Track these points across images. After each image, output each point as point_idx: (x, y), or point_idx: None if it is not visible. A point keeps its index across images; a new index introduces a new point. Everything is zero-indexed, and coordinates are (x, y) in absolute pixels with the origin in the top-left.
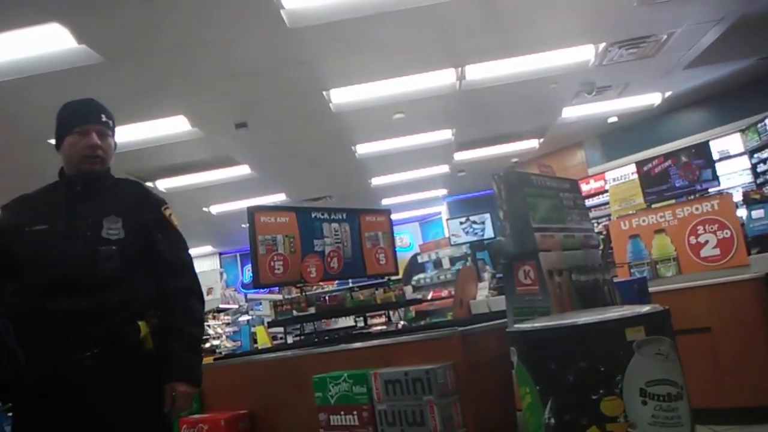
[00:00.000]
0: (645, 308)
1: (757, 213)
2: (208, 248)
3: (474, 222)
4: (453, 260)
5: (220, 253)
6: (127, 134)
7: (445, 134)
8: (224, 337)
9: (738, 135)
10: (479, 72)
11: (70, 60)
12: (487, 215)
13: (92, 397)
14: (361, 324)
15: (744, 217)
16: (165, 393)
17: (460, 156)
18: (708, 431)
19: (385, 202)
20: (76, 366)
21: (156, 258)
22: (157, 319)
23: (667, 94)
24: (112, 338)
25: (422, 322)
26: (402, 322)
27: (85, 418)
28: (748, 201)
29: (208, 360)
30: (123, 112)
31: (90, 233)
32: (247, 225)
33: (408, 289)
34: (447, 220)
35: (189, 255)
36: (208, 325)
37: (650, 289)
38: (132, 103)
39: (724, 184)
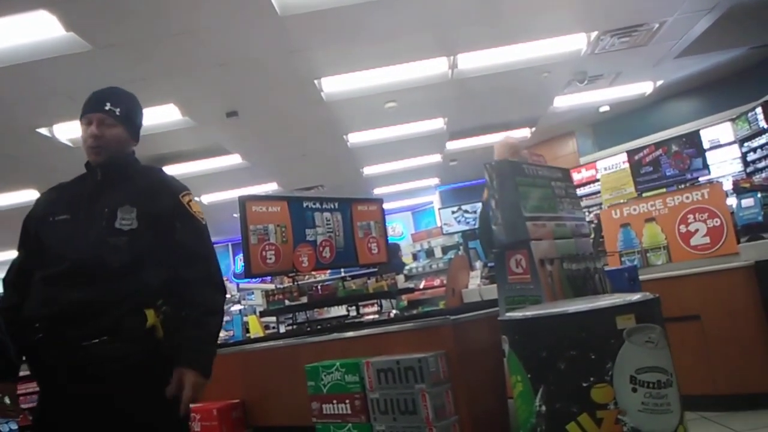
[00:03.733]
0: (635, 296)
1: (747, 202)
2: None
3: (466, 211)
4: (445, 249)
5: None
6: None
7: (437, 123)
8: None
9: (728, 124)
10: (471, 61)
11: (58, 48)
12: (479, 204)
13: (99, 385)
14: (353, 313)
15: (734, 206)
16: (173, 376)
17: (452, 145)
18: (697, 418)
19: (377, 191)
20: (82, 354)
21: (172, 246)
22: (169, 307)
23: (659, 83)
24: (118, 327)
25: (414, 311)
26: (394, 311)
27: (94, 406)
28: (738, 190)
29: None
30: None
31: (104, 223)
32: (239, 214)
33: (400, 278)
34: (439, 209)
35: (209, 243)
36: None
37: (641, 278)
38: None
39: (715, 173)
